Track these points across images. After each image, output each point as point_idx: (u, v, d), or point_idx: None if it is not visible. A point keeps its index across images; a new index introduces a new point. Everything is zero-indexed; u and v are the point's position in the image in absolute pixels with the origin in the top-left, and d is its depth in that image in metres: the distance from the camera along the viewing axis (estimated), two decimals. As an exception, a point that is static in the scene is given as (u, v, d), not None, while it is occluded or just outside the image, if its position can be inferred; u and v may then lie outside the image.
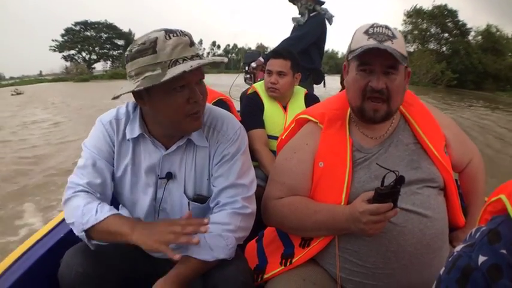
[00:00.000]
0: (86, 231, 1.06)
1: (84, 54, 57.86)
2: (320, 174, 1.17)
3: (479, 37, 36.07)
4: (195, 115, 1.05)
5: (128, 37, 57.34)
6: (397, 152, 1.17)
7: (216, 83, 3.27)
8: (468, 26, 34.70)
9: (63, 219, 1.47)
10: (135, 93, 1.07)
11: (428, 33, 34.92)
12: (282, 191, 1.22)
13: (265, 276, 1.23)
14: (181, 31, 1.02)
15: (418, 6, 34.21)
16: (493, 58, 33.57)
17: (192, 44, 1.02)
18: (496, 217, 0.55)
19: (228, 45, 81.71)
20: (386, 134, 1.20)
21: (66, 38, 57.00)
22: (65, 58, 56.76)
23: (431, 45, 34.87)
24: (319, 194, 1.17)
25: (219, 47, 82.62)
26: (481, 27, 36.27)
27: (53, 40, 57.27)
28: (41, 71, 63.67)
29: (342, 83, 3.29)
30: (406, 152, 1.17)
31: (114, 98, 1.09)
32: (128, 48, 1.05)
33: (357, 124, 1.22)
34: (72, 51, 57.10)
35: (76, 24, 57.03)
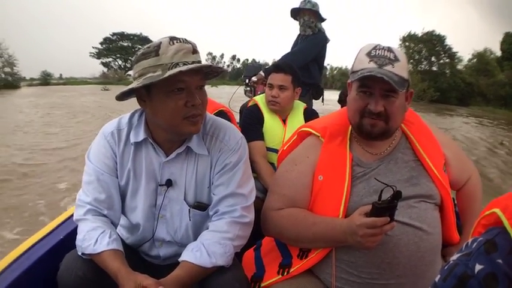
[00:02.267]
0: (84, 254, 1.09)
1: (119, 62, 62.09)
2: (319, 187, 1.19)
3: (475, 60, 40.33)
4: (192, 119, 1.08)
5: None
6: (397, 169, 1.19)
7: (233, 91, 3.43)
8: (455, 49, 39.80)
9: (62, 222, 1.48)
10: (138, 96, 1.11)
11: (417, 56, 39.57)
12: (281, 202, 1.24)
13: (263, 284, 1.24)
14: (185, 39, 1.07)
15: (412, 32, 39.51)
16: (484, 78, 36.59)
17: (194, 51, 1.06)
18: (492, 228, 0.57)
19: (247, 59, 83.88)
20: (387, 150, 1.22)
21: (104, 46, 62.10)
22: (103, 64, 62.43)
23: (424, 66, 39.35)
24: (317, 206, 1.19)
25: (238, 60, 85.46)
26: (477, 50, 40.38)
27: (93, 47, 63.04)
28: (61, 74, 67.60)
29: (339, 101, 3.35)
30: (406, 169, 1.19)
31: (118, 98, 1.13)
32: (135, 54, 1.09)
33: (357, 140, 1.25)
34: (109, 59, 62.11)
35: (113, 34, 62.33)
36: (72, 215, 1.30)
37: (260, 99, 2.33)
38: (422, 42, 38.46)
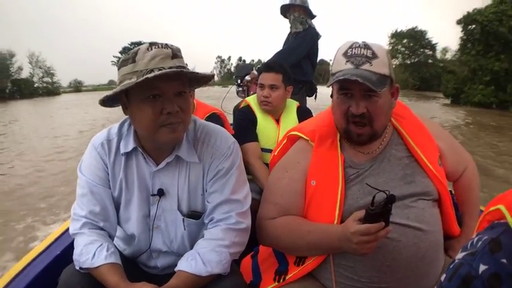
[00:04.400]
0: (82, 268, 1.09)
1: (138, 69, 69.23)
2: (312, 192, 1.17)
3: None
4: (170, 126, 1.04)
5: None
6: (391, 167, 1.16)
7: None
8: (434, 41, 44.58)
9: (59, 236, 1.48)
10: (122, 104, 1.10)
11: (406, 51, 44.45)
12: (275, 211, 1.22)
13: None
14: (166, 44, 1.03)
15: (398, 30, 44.73)
16: (464, 67, 40.51)
17: (174, 56, 1.02)
18: (498, 225, 0.56)
19: (253, 60, 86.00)
20: (379, 149, 1.19)
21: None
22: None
23: (411, 59, 44.31)
24: (312, 212, 1.17)
25: (244, 61, 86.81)
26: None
27: (114, 56, 68.38)
28: (79, 80, 71.17)
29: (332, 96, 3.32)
30: (400, 167, 1.16)
31: (101, 105, 1.12)
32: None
33: (348, 140, 1.21)
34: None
35: (132, 43, 66.70)
36: (67, 229, 1.30)
37: (252, 100, 2.33)
38: (407, 37, 42.78)
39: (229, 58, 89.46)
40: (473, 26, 20.98)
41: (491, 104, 19.64)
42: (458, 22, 21.86)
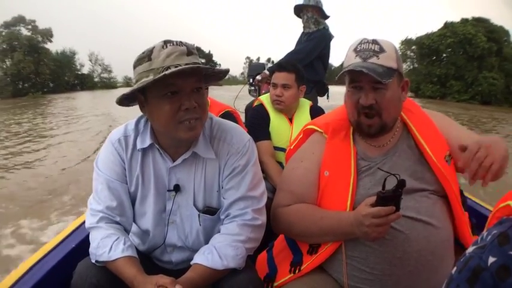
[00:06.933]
0: (98, 262, 1.10)
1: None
2: (325, 182, 1.20)
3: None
4: (188, 123, 1.06)
5: (209, 56, 70.30)
6: (402, 162, 1.19)
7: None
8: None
9: (75, 229, 1.49)
10: (139, 102, 1.11)
11: (412, 54, 45.44)
12: (289, 199, 1.25)
13: (275, 284, 1.24)
14: (181, 41, 1.05)
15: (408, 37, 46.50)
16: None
17: (189, 53, 1.04)
18: (506, 220, 0.58)
19: None
20: (390, 142, 1.22)
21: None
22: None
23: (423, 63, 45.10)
24: (325, 201, 1.20)
25: (273, 62, 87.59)
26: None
27: None
28: (129, 77, 73.93)
29: None
30: (411, 162, 1.18)
31: (118, 103, 1.13)
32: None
33: (359, 133, 1.25)
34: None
35: None
36: (83, 223, 1.31)
37: (265, 99, 2.33)
38: (416, 45, 43.68)
39: (258, 59, 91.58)
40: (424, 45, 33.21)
41: (437, 96, 31.61)
42: (414, 43, 33.82)
